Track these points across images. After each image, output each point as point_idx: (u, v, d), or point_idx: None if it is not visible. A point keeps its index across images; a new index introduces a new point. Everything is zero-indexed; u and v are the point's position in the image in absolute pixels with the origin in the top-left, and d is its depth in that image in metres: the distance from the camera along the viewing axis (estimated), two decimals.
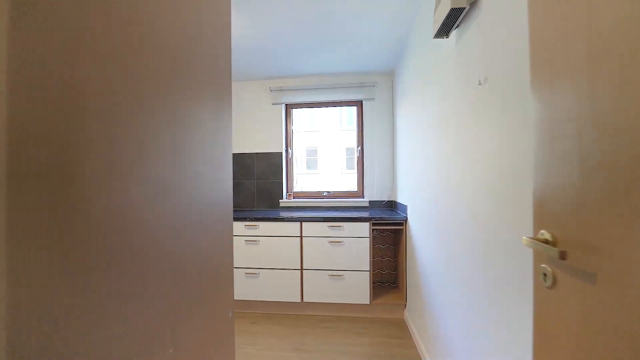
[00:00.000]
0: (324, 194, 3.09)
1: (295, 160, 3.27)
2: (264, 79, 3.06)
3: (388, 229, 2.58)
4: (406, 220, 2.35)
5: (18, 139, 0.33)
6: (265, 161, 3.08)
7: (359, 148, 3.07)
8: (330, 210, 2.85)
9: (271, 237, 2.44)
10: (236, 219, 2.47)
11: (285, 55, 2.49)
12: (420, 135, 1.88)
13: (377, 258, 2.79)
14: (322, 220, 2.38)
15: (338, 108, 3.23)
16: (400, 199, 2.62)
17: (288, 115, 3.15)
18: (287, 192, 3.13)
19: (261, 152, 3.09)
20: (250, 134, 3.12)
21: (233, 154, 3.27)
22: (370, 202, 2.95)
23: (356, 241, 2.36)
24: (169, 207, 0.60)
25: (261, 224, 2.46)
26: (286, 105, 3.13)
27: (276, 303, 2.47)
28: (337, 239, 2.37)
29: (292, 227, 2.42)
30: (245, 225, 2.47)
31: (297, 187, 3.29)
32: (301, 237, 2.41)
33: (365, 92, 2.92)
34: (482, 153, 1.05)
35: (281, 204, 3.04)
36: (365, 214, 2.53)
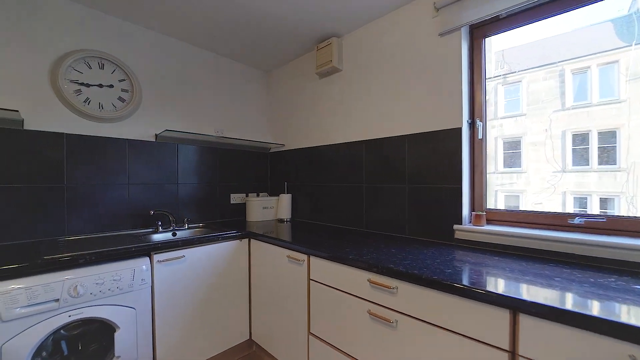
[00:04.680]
0: (576, 222, 1.25)
1: (529, 147, 1.61)
2: None
3: None
4: None
5: None
6: (426, 148, 1.63)
7: None
8: (609, 274, 1.02)
9: (427, 324, 1.02)
10: (351, 262, 1.24)
11: None
12: None
13: None
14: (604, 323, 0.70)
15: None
16: None
17: (476, 51, 1.54)
18: (471, 209, 1.54)
19: (418, 131, 1.67)
20: (399, 101, 1.78)
21: (366, 140, 2.05)
22: None
23: None
24: None
25: (402, 287, 1.09)
26: (471, 29, 1.55)
27: None
28: None
29: (487, 316, 0.88)
30: (371, 283, 1.18)
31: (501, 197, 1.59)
32: (514, 354, 0.83)
33: None
34: None
35: (458, 235, 1.49)
36: None
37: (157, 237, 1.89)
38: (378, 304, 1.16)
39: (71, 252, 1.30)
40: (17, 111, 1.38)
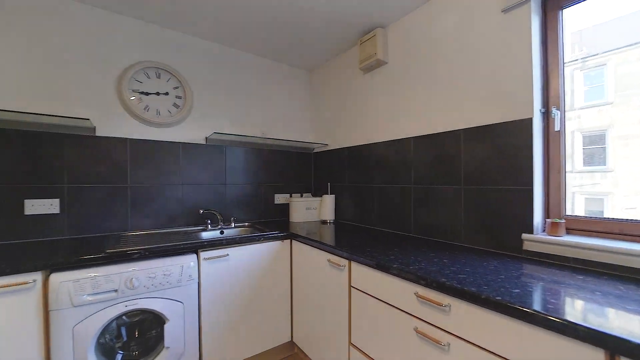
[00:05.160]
0: None
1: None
2: None
3: None
4: None
5: None
6: (487, 143, 1.42)
7: None
8: None
9: (487, 352, 0.86)
10: (396, 272, 1.12)
11: None
12: None
13: None
14: None
15: None
16: None
17: (550, 25, 1.29)
18: (544, 216, 1.29)
19: (477, 125, 1.47)
20: (454, 91, 1.59)
21: (415, 137, 1.86)
22: None
23: None
24: None
25: (456, 305, 0.93)
26: (543, 0, 1.30)
27: None
28: None
29: (572, 353, 0.70)
30: (418, 297, 1.05)
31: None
32: None
33: None
34: None
35: (527, 245, 1.26)
36: None
37: (206, 234, 1.98)
38: (427, 322, 1.02)
39: (130, 246, 1.42)
40: (88, 119, 1.56)
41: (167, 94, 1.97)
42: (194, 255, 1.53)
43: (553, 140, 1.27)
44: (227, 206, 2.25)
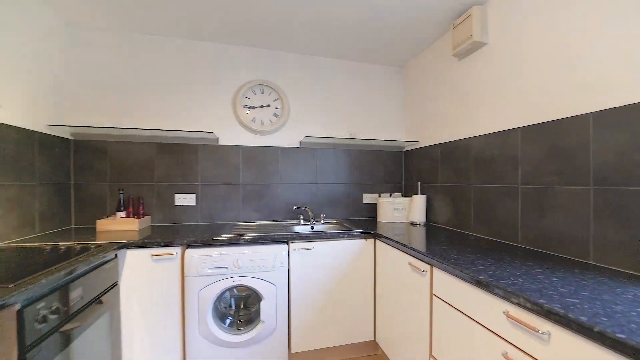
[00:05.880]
0: None
1: None
2: None
3: None
4: None
5: None
6: (631, 129, 1.05)
7: None
8: None
9: None
10: (482, 284, 0.96)
11: None
12: None
13: None
14: None
15: None
16: None
17: None
18: None
19: (615, 105, 1.10)
20: (577, 61, 1.24)
21: (523, 127, 1.51)
22: None
23: None
24: None
25: (558, 334, 0.74)
26: None
27: None
28: None
29: None
30: (509, 317, 0.88)
31: None
32: None
33: None
34: None
35: None
36: None
37: (298, 229, 2.20)
38: (519, 349, 0.85)
39: (238, 234, 1.74)
40: (212, 132, 1.99)
41: (268, 106, 2.30)
42: (285, 245, 1.73)
43: None
44: (318, 204, 2.43)
